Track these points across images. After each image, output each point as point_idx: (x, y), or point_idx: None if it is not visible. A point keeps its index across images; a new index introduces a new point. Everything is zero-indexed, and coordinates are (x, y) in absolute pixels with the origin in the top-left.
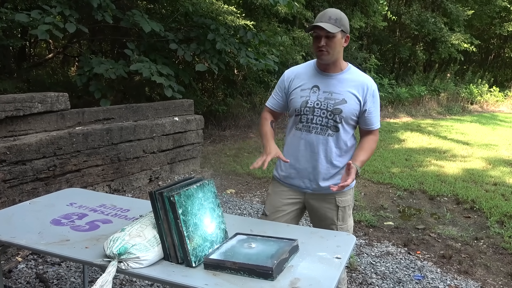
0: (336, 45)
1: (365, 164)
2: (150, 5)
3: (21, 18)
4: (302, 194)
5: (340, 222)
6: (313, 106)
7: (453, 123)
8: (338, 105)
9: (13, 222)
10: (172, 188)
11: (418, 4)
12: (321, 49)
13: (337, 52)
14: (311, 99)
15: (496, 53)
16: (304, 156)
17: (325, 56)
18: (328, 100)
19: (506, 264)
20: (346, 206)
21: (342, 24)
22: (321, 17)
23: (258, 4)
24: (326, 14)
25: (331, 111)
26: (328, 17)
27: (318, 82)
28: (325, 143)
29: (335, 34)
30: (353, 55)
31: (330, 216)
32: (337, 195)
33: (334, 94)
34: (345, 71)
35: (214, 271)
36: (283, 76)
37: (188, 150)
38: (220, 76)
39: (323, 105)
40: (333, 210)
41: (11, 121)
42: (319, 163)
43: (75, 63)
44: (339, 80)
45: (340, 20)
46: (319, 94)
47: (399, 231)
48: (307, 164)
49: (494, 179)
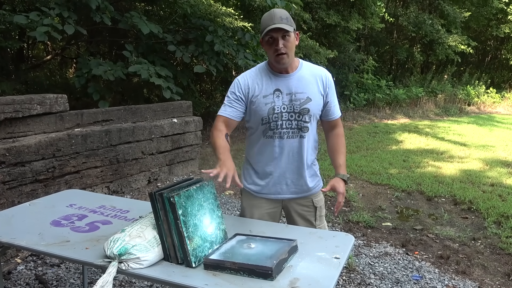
0: (292, 45)
1: (363, 165)
2: (148, 7)
3: (20, 20)
4: (280, 202)
5: (318, 222)
6: (280, 111)
7: (451, 124)
8: (304, 105)
9: (13, 223)
10: (172, 189)
11: (415, 6)
12: (280, 52)
13: (293, 52)
14: (276, 104)
15: (493, 55)
16: (280, 163)
17: (285, 60)
18: (293, 102)
19: (503, 264)
20: (322, 205)
21: (292, 23)
22: (272, 19)
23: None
24: (277, 15)
25: (298, 113)
26: (279, 18)
27: (278, 85)
28: (299, 145)
29: (290, 34)
30: (351, 57)
31: (309, 217)
32: (313, 196)
33: (297, 94)
34: (299, 68)
35: (214, 271)
36: (237, 83)
37: (186, 152)
38: (218, 78)
39: (289, 108)
40: (311, 212)
41: (10, 123)
42: (298, 166)
43: (73, 65)
44: (298, 79)
45: (289, 18)
46: (283, 98)
47: (397, 231)
48: (283, 170)
49: (491, 180)
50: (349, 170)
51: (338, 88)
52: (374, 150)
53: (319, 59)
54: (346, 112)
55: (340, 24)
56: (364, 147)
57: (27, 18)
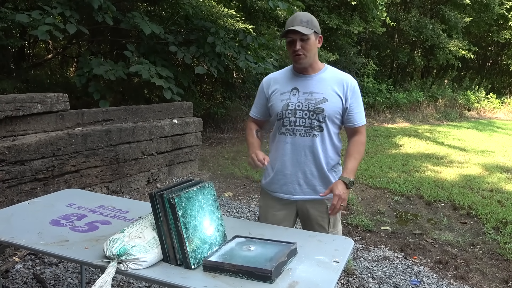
0: (311, 47)
1: (362, 169)
2: (151, 7)
3: (22, 19)
4: (293, 203)
5: (331, 228)
6: (295, 108)
7: (450, 129)
8: (319, 104)
9: (12, 222)
10: (172, 190)
11: (416, 10)
12: (297, 53)
13: (313, 54)
14: (291, 101)
15: (494, 60)
16: (292, 160)
17: (302, 60)
18: (309, 101)
19: (502, 270)
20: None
21: (314, 26)
22: (293, 21)
23: (258, 8)
24: (297, 17)
25: (313, 111)
26: (299, 21)
27: (297, 84)
28: (311, 145)
29: (309, 36)
30: (352, 60)
31: (322, 224)
32: (328, 201)
33: (314, 94)
34: (323, 70)
35: (213, 273)
36: (262, 84)
37: (186, 153)
38: (219, 79)
39: (304, 106)
40: (325, 218)
41: (10, 121)
42: (308, 166)
43: (74, 64)
44: (318, 80)
45: (311, 22)
46: (299, 96)
47: (396, 236)
48: (295, 168)
49: (491, 185)
50: None
51: None
52: (374, 153)
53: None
54: None
55: (341, 28)
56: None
57: (29, 17)
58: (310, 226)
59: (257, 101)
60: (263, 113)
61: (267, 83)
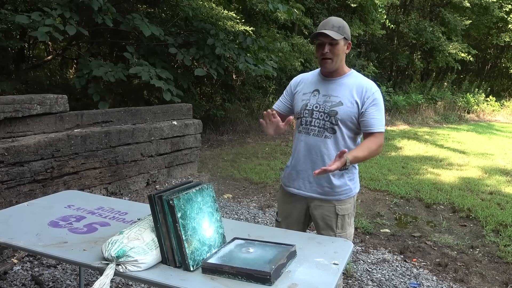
0: (339, 52)
1: (362, 171)
2: (150, 9)
3: (22, 20)
4: (304, 200)
5: (339, 230)
6: (312, 108)
7: (450, 131)
8: (334, 107)
9: (11, 223)
10: (171, 192)
11: (416, 13)
12: (325, 57)
13: (340, 59)
14: (310, 102)
15: (493, 63)
16: (304, 158)
17: (329, 64)
18: (326, 103)
19: (501, 272)
20: (346, 214)
21: (345, 32)
22: (325, 25)
23: (258, 10)
24: (330, 22)
25: (327, 113)
26: (331, 25)
27: (319, 86)
28: (323, 146)
29: (338, 41)
30: (351, 62)
31: (330, 224)
32: (337, 203)
33: (332, 97)
34: (347, 75)
35: (212, 275)
36: (291, 82)
37: (186, 154)
38: (218, 81)
39: (321, 108)
40: (332, 218)
41: (9, 122)
42: (318, 166)
43: (73, 66)
44: (339, 84)
45: (342, 28)
46: (318, 98)
47: (396, 238)
48: (306, 166)
49: (490, 188)
50: None
51: None
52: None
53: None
54: None
55: None
56: None
57: (29, 18)
58: (318, 225)
59: (283, 96)
60: (286, 108)
61: (295, 82)
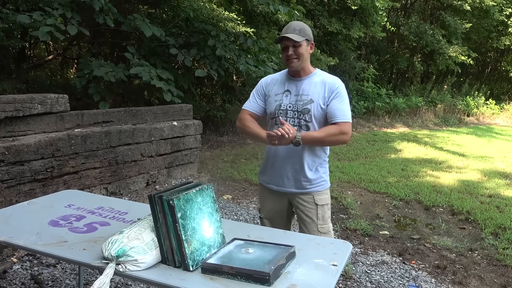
0: (303, 52)
1: (361, 173)
2: (152, 10)
3: (23, 19)
4: (285, 196)
5: (320, 221)
6: (286, 108)
7: (450, 134)
8: (306, 105)
9: (11, 222)
10: (172, 192)
11: (416, 16)
12: (290, 58)
13: (304, 58)
14: (284, 102)
15: (493, 66)
16: (282, 156)
17: (294, 64)
18: (298, 102)
19: (500, 275)
20: (325, 204)
21: (306, 34)
22: (287, 29)
23: (259, 11)
24: (291, 26)
25: (300, 111)
26: (293, 29)
27: (290, 87)
28: None
29: (301, 43)
30: (352, 65)
31: (311, 216)
32: (315, 194)
33: (303, 96)
34: (313, 74)
35: (211, 276)
36: (261, 82)
37: (186, 155)
38: (219, 82)
39: (294, 107)
40: (312, 209)
41: (10, 122)
42: (297, 162)
43: (74, 65)
44: (307, 83)
45: (303, 30)
46: (290, 98)
47: (394, 240)
48: (284, 163)
49: (489, 191)
50: (348, 177)
51: None
52: (373, 158)
53: (320, 66)
54: None
55: (341, 32)
56: (363, 155)
57: (31, 18)
58: (301, 218)
59: (254, 97)
60: (260, 108)
61: (265, 83)
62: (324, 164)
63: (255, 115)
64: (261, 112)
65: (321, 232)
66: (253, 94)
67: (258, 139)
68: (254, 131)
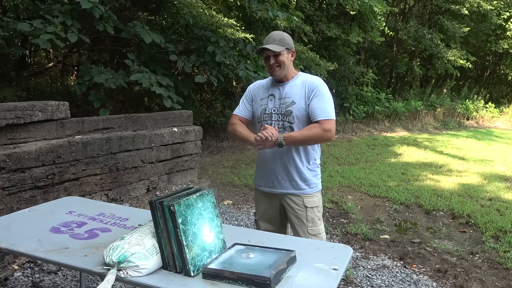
0: (284, 60)
1: (362, 177)
2: (151, 16)
3: (24, 27)
4: (277, 197)
5: (310, 223)
6: (271, 112)
7: (449, 138)
8: (288, 107)
9: (12, 229)
10: (172, 198)
11: (415, 20)
12: (272, 67)
13: (286, 66)
14: (268, 106)
15: (492, 70)
16: (271, 158)
17: (277, 72)
18: (281, 105)
19: (501, 279)
20: (314, 207)
21: (286, 43)
22: (267, 40)
23: (258, 17)
24: (271, 37)
25: (284, 114)
26: (273, 39)
27: (274, 91)
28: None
29: (281, 52)
30: (351, 69)
31: (300, 218)
32: (305, 196)
33: (286, 98)
34: (295, 78)
35: (212, 281)
36: (249, 88)
37: (186, 161)
38: (218, 88)
39: (278, 110)
40: (302, 211)
41: (11, 129)
42: (284, 163)
43: (74, 72)
44: (290, 86)
45: (283, 40)
46: (274, 102)
47: (395, 244)
48: (273, 165)
49: (490, 194)
50: (348, 181)
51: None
52: (373, 162)
53: (319, 71)
54: (346, 124)
55: (340, 37)
56: (363, 159)
57: (31, 26)
58: (292, 221)
59: (243, 103)
60: (249, 113)
61: (253, 88)
62: (314, 167)
63: (245, 120)
64: (251, 116)
65: (311, 234)
66: (242, 99)
67: (247, 143)
68: (243, 135)
